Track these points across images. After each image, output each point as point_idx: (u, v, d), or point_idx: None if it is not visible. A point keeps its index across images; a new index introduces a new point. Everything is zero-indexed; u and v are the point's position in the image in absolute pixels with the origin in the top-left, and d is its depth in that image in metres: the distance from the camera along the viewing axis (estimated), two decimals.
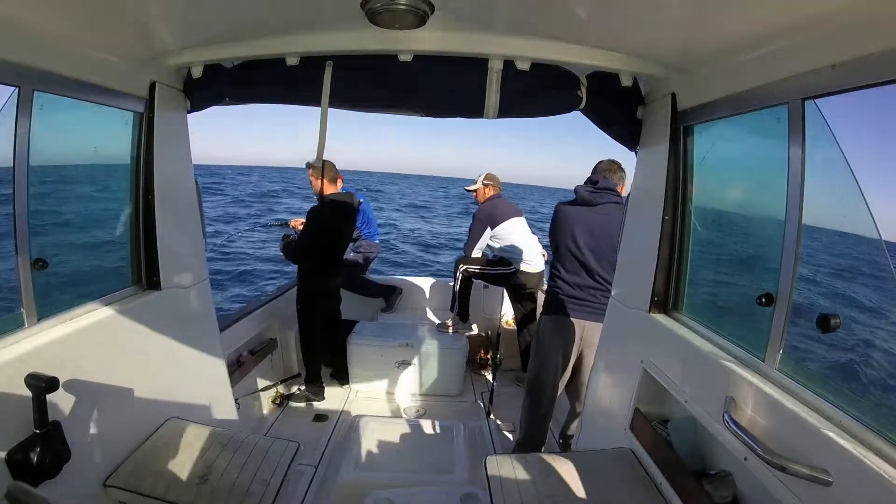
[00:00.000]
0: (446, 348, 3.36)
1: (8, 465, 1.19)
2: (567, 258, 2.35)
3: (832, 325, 1.03)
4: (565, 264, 2.37)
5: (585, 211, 2.33)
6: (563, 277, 2.37)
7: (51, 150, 1.48)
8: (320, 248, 3.15)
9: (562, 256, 2.38)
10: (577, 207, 2.36)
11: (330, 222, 3.16)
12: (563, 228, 2.36)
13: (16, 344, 1.31)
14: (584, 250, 2.31)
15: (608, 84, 1.75)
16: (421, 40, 1.56)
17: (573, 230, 2.32)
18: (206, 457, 1.63)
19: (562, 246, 2.37)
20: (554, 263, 2.45)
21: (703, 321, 1.59)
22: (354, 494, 1.96)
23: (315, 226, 3.13)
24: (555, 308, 2.40)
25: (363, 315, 3.99)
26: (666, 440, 1.55)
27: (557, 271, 2.41)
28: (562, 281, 2.38)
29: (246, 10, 1.44)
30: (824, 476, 0.95)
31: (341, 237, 3.30)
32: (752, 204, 1.60)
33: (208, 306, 2.17)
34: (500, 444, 2.83)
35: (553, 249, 2.46)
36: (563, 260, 2.38)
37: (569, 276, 2.36)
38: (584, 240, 2.30)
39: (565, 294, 2.36)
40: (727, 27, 1.22)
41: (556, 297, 2.40)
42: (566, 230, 2.35)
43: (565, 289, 2.37)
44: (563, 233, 2.35)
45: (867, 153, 1.09)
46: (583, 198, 2.34)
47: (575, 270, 2.34)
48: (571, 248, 2.33)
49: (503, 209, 3.58)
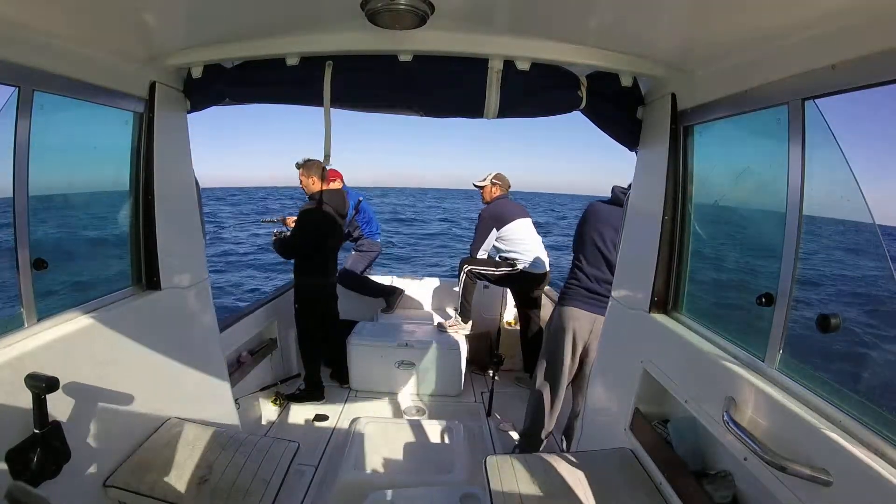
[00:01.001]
0: (446, 348, 3.36)
1: (8, 465, 1.19)
2: (591, 251, 2.42)
3: (832, 326, 1.03)
4: (588, 256, 2.43)
5: (617, 210, 2.38)
6: (584, 269, 2.43)
7: (51, 151, 1.48)
8: (311, 246, 3.15)
9: (586, 249, 2.44)
10: (610, 206, 2.43)
11: (320, 220, 3.17)
12: (592, 222, 2.44)
13: (16, 344, 1.31)
14: (609, 245, 2.37)
15: (608, 84, 1.75)
16: (421, 40, 1.55)
17: (601, 225, 2.40)
18: (205, 457, 1.63)
19: (588, 239, 2.43)
20: (577, 255, 2.51)
21: (704, 321, 1.59)
22: (354, 494, 1.96)
23: (305, 224, 3.15)
24: (570, 300, 2.44)
25: (363, 315, 3.99)
26: (666, 440, 1.55)
27: (579, 262, 2.47)
28: (582, 273, 2.44)
29: (246, 11, 1.44)
30: (824, 476, 0.95)
31: (333, 235, 3.31)
32: (752, 204, 1.60)
33: (208, 306, 2.17)
34: (500, 444, 2.83)
35: (578, 242, 2.50)
36: (586, 252, 2.44)
37: (589, 269, 2.42)
38: (611, 236, 2.37)
39: (583, 286, 2.42)
40: (727, 27, 1.22)
41: (574, 289, 2.45)
42: (594, 224, 2.42)
43: (584, 280, 2.42)
44: (591, 227, 2.43)
45: (867, 153, 1.09)
46: (617, 198, 2.40)
47: (596, 264, 2.41)
48: (597, 241, 2.40)
49: (509, 209, 3.57)
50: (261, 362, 3.22)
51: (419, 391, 3.41)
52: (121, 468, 1.54)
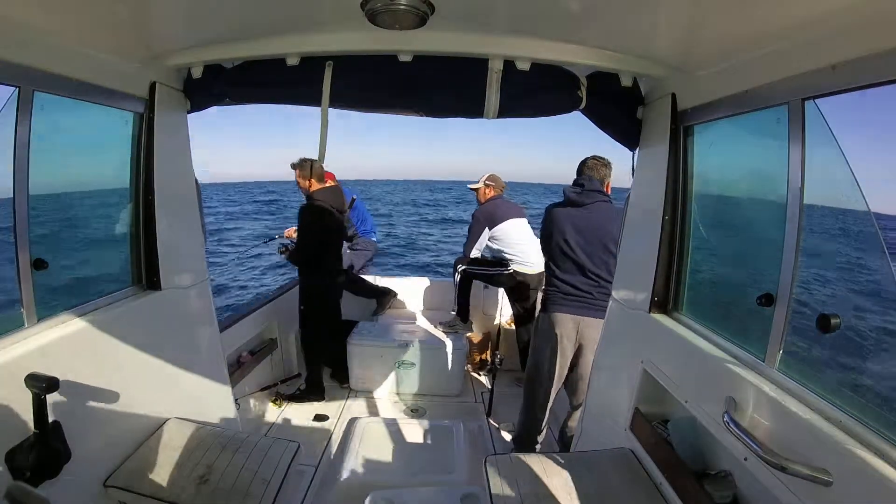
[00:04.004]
0: (446, 348, 3.36)
1: (8, 465, 1.19)
2: (560, 258, 2.42)
3: (832, 326, 1.03)
4: (559, 264, 2.43)
5: (574, 211, 2.40)
6: (558, 276, 2.43)
7: (51, 151, 1.48)
8: (319, 245, 3.17)
9: (555, 257, 2.44)
10: (566, 209, 2.43)
11: (321, 218, 3.18)
12: (554, 229, 2.43)
13: (16, 344, 1.31)
14: (577, 249, 2.37)
15: (608, 84, 1.75)
16: (421, 40, 1.55)
17: (564, 231, 2.39)
18: (206, 457, 1.63)
19: (554, 246, 2.43)
20: (548, 264, 2.52)
21: (704, 321, 1.59)
22: (354, 494, 1.96)
23: (308, 225, 3.15)
24: (551, 305, 2.44)
25: (363, 315, 3.99)
26: (666, 440, 1.55)
27: (552, 271, 2.47)
28: (557, 280, 2.44)
29: (246, 11, 1.44)
30: (824, 476, 0.95)
31: (335, 231, 3.33)
32: (752, 204, 1.60)
33: (208, 306, 2.17)
34: (500, 444, 2.83)
35: (547, 250, 2.51)
36: (556, 260, 2.44)
37: (563, 275, 2.42)
38: (576, 239, 2.36)
39: (560, 291, 2.42)
40: (727, 27, 1.22)
41: (553, 295, 2.46)
42: (557, 231, 2.42)
43: (561, 287, 2.42)
44: (555, 234, 2.42)
45: (867, 153, 1.09)
46: (570, 199, 2.41)
47: (569, 269, 2.40)
48: (564, 247, 2.39)
49: (502, 209, 3.58)
50: (261, 362, 3.23)
51: (419, 391, 3.40)
52: (121, 468, 1.54)
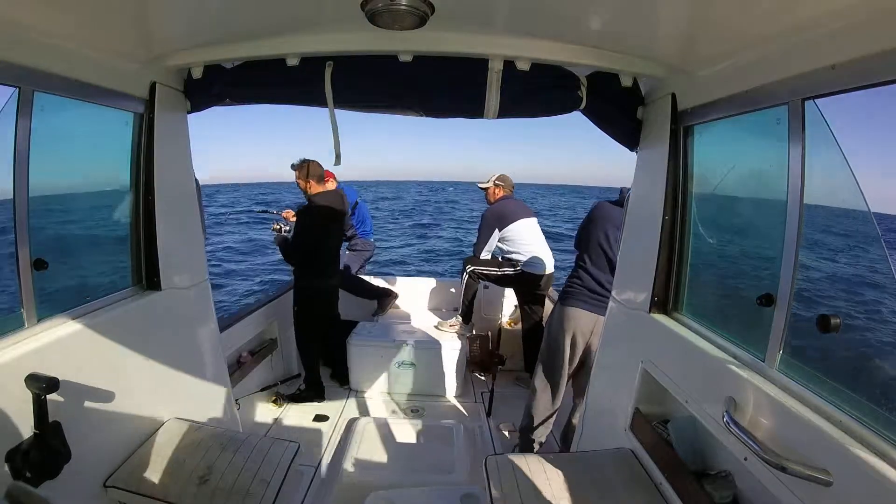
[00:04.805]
0: (446, 348, 3.36)
1: (8, 465, 1.19)
2: (595, 251, 2.41)
3: (832, 326, 1.03)
4: (592, 256, 2.42)
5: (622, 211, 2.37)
6: (587, 269, 2.43)
7: (51, 151, 1.47)
8: (312, 248, 3.15)
9: (590, 249, 2.43)
10: (617, 207, 2.42)
11: (319, 222, 3.17)
12: (597, 222, 2.43)
13: (16, 345, 1.31)
14: (614, 246, 2.36)
15: (608, 84, 1.75)
16: (421, 41, 1.55)
17: (606, 226, 2.39)
18: (206, 457, 1.63)
19: (593, 239, 2.42)
20: (581, 255, 2.50)
21: (704, 321, 1.59)
22: (354, 494, 1.96)
23: (304, 226, 3.14)
24: (572, 299, 2.44)
25: (362, 315, 3.99)
26: (666, 440, 1.55)
27: (583, 262, 2.46)
28: (585, 272, 2.43)
29: (246, 11, 1.44)
30: (824, 476, 0.95)
31: (331, 236, 3.32)
32: (752, 204, 1.60)
33: (208, 307, 2.17)
34: (500, 444, 2.83)
35: (583, 242, 2.50)
36: (590, 252, 2.43)
37: (593, 269, 2.41)
38: (616, 236, 2.35)
39: (586, 286, 2.41)
40: (727, 28, 1.22)
41: (576, 289, 2.45)
42: (600, 225, 2.41)
43: (587, 281, 2.41)
44: (597, 227, 2.42)
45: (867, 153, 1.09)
46: (622, 199, 2.39)
47: (600, 265, 2.40)
48: (602, 242, 2.39)
49: (512, 210, 3.56)
50: (261, 362, 3.23)
51: (419, 391, 3.40)
52: (121, 468, 1.54)
